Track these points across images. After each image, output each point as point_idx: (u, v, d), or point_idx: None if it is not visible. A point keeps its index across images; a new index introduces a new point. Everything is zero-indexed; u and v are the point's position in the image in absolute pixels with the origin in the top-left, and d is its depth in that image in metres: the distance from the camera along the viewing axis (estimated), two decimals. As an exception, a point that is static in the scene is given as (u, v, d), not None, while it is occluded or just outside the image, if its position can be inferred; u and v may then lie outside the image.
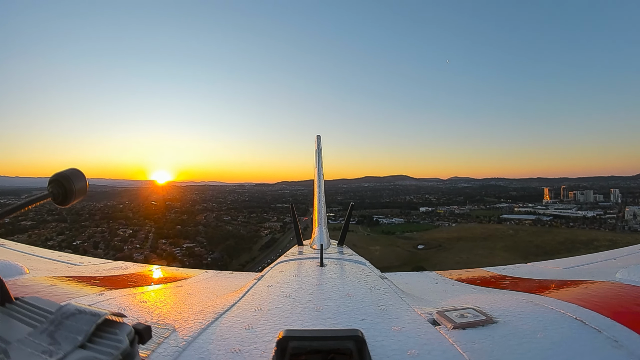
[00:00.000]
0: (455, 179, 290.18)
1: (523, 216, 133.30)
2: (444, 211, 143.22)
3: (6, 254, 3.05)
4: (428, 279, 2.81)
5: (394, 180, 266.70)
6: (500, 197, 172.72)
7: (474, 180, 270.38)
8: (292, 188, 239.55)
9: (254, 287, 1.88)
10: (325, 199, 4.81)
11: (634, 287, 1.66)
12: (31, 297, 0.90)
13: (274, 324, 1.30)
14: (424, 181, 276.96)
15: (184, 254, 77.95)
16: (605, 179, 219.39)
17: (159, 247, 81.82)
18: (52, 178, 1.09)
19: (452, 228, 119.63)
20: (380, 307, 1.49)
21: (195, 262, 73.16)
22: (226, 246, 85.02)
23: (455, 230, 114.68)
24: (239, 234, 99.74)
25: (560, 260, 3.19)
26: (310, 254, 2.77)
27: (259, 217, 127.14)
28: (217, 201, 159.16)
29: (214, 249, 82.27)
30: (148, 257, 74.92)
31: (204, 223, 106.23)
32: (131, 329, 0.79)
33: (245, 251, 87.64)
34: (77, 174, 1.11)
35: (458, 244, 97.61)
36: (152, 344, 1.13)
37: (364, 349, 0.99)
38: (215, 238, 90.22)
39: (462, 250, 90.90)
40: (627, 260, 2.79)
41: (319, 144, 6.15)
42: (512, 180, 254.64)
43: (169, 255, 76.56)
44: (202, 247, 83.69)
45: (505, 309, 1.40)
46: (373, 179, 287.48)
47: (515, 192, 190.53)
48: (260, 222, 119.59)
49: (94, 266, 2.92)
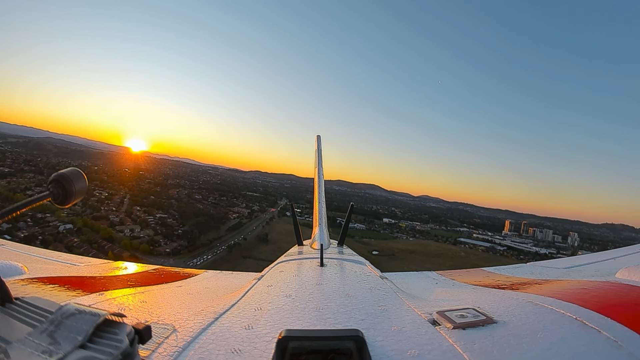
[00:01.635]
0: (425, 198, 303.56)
1: (479, 242, 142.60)
2: (405, 225, 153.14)
3: (6, 254, 3.11)
4: (428, 279, 2.88)
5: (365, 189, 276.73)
6: (464, 222, 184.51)
7: (443, 201, 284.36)
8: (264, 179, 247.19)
9: (254, 287, 1.91)
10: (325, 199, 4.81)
11: (634, 287, 1.68)
12: (31, 297, 0.92)
13: (274, 324, 1.31)
14: (395, 194, 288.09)
15: (156, 223, 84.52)
16: (571, 222, 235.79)
17: (133, 213, 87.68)
18: (52, 178, 1.10)
19: (408, 241, 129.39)
20: (380, 307, 1.51)
21: (167, 232, 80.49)
22: (196, 222, 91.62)
23: (411, 244, 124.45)
24: (209, 212, 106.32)
25: (560, 260, 3.24)
26: (310, 254, 2.84)
27: (229, 201, 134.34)
28: (190, 179, 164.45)
29: (184, 223, 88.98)
30: (124, 220, 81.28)
31: (176, 198, 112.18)
32: (131, 329, 0.80)
33: (213, 229, 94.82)
34: (77, 174, 1.13)
35: (410, 256, 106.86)
36: (152, 344, 1.15)
37: (364, 349, 1.00)
38: (187, 213, 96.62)
39: (412, 262, 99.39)
40: (627, 260, 2.87)
41: (319, 144, 6.20)
42: (480, 208, 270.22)
43: (143, 222, 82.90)
44: (174, 219, 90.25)
45: (505, 309, 1.42)
46: (345, 184, 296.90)
47: (479, 219, 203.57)
48: (230, 206, 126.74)
49: (94, 266, 3.02)
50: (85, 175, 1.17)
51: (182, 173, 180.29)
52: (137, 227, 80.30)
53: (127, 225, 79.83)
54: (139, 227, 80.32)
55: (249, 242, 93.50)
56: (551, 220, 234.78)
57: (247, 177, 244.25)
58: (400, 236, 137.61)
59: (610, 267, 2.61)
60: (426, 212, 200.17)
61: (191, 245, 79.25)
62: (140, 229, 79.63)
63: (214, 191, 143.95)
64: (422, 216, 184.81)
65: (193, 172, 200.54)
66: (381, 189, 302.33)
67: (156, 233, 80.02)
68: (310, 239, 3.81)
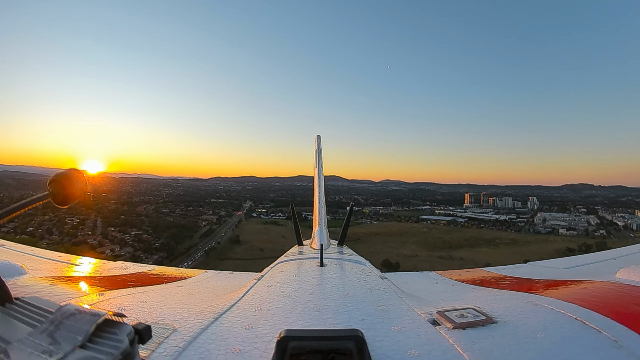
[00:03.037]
0: (387, 182, 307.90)
1: (440, 217, 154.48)
2: (369, 211, 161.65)
3: (6, 254, 3.12)
4: (428, 279, 2.92)
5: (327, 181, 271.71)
6: (426, 201, 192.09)
7: (404, 183, 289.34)
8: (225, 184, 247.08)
9: (254, 287, 1.92)
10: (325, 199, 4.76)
11: (634, 287, 1.70)
12: (31, 297, 0.93)
13: (274, 324, 1.33)
14: (356, 182, 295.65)
15: (134, 240, 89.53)
16: (532, 187, 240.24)
17: (109, 234, 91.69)
18: (52, 178, 1.11)
19: (372, 225, 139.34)
20: (380, 307, 1.53)
21: (145, 247, 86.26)
22: (170, 234, 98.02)
23: (375, 227, 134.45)
24: (180, 224, 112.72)
25: (560, 260, 3.28)
26: (310, 254, 2.85)
27: (196, 210, 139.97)
28: (153, 194, 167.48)
29: (159, 236, 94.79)
30: (102, 242, 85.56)
31: (145, 214, 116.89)
32: (131, 329, 0.81)
33: (187, 239, 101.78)
34: (77, 174, 1.14)
35: (375, 237, 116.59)
36: (152, 344, 1.16)
37: (364, 348, 1.01)
38: (160, 227, 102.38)
39: (377, 243, 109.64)
40: (627, 260, 2.86)
41: (319, 144, 6.23)
42: (442, 185, 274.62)
43: (121, 241, 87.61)
44: (149, 234, 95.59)
45: (505, 309, 1.43)
46: (306, 178, 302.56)
47: (441, 196, 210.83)
48: (197, 215, 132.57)
49: (94, 266, 3.07)
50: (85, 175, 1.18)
51: (144, 189, 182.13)
52: (116, 246, 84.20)
53: (107, 247, 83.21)
54: (119, 247, 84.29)
55: (223, 245, 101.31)
56: (512, 188, 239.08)
57: (209, 184, 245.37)
58: (364, 221, 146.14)
59: (610, 267, 2.58)
60: (388, 196, 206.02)
61: (171, 255, 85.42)
62: (120, 248, 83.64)
63: (179, 203, 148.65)
64: (385, 200, 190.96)
65: (155, 186, 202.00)
66: (342, 179, 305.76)
67: (136, 249, 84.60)
68: (310, 239, 3.76)
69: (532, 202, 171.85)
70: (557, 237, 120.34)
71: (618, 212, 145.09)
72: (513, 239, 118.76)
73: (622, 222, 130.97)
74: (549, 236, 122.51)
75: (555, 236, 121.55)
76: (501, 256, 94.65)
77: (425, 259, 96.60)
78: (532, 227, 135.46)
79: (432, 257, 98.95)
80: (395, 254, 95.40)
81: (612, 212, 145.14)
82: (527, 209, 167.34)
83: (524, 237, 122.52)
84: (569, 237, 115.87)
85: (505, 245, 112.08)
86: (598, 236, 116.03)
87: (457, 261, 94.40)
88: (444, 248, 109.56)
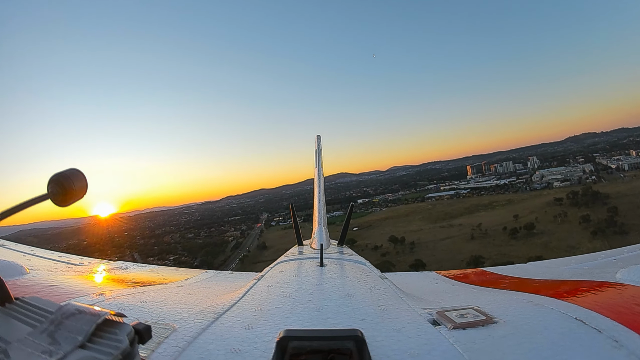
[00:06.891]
0: (394, 169, 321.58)
1: (444, 193, 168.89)
2: (378, 200, 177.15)
3: (6, 254, 3.21)
4: (428, 279, 3.00)
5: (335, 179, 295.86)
6: (433, 180, 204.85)
7: (411, 167, 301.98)
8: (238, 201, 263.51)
9: (254, 287, 1.98)
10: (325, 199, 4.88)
11: (634, 287, 1.74)
12: (31, 297, 0.96)
13: (274, 324, 1.37)
14: (364, 175, 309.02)
15: (174, 264, 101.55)
16: (536, 147, 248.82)
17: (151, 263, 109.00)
18: (52, 178, 1.12)
19: (382, 212, 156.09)
20: (380, 307, 1.57)
21: (187, 267, 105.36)
22: (204, 252, 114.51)
23: (384, 213, 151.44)
24: (210, 242, 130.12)
25: (560, 260, 3.36)
26: (310, 254, 2.90)
27: (218, 230, 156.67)
28: (172, 224, 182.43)
29: (195, 256, 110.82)
30: None
31: (175, 241, 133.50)
32: (131, 329, 0.83)
33: (220, 254, 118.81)
34: (76, 174, 1.15)
35: (385, 222, 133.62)
36: (152, 344, 1.20)
37: (364, 348, 1.05)
38: (193, 248, 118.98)
39: (387, 225, 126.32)
40: (627, 260, 2.88)
41: (319, 144, 6.35)
42: (449, 161, 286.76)
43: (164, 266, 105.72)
44: (186, 257, 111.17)
45: (505, 309, 1.47)
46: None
47: (447, 172, 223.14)
48: (221, 233, 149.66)
49: (94, 266, 3.12)
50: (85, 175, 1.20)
51: (162, 221, 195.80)
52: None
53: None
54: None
55: (253, 252, 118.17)
56: (517, 151, 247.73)
57: (222, 204, 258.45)
58: (374, 210, 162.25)
59: (610, 267, 2.60)
60: (396, 182, 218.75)
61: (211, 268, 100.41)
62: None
63: (201, 227, 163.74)
64: (393, 187, 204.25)
65: (171, 217, 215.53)
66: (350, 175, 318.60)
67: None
68: (310, 239, 3.81)
69: (532, 161, 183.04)
70: (551, 190, 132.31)
71: (615, 155, 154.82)
72: (509, 199, 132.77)
73: (615, 164, 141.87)
74: (544, 191, 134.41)
75: (550, 190, 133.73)
76: (497, 216, 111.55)
77: (429, 231, 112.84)
78: (530, 186, 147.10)
79: (435, 228, 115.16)
80: (402, 231, 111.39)
81: (609, 157, 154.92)
82: (527, 169, 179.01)
83: (519, 196, 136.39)
84: (562, 189, 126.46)
85: (501, 206, 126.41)
86: (589, 183, 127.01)
87: (456, 227, 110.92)
88: (445, 219, 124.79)
